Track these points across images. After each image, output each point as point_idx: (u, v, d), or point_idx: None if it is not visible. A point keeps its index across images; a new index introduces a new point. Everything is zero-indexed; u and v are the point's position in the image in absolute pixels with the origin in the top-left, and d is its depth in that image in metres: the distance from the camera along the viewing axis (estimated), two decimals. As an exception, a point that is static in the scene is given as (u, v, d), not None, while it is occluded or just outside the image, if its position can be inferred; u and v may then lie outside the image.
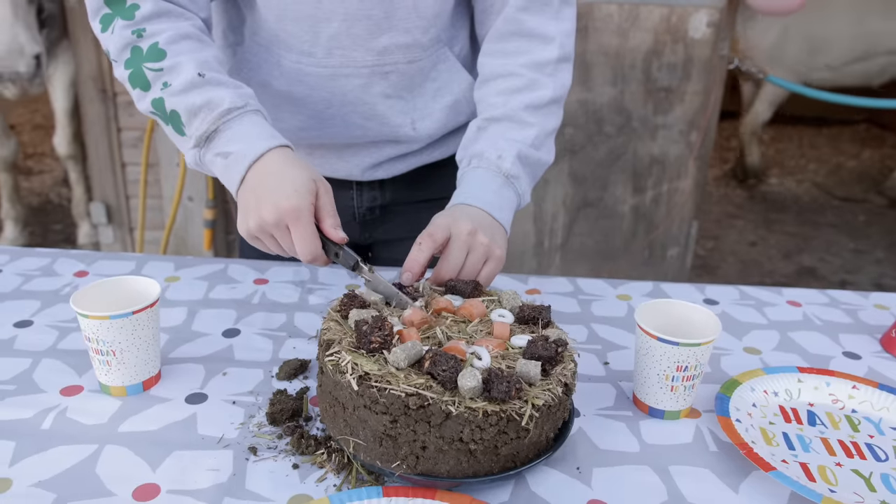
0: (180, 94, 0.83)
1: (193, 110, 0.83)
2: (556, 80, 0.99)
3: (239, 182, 0.82)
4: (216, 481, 0.67)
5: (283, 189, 0.78)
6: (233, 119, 0.83)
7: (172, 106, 0.83)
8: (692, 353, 0.75)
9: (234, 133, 0.83)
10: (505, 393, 0.62)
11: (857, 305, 1.09)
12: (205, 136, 0.83)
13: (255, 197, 0.79)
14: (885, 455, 0.75)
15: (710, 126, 2.65)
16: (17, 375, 0.82)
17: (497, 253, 0.87)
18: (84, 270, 1.10)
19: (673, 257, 2.83)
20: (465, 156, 0.97)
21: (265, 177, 0.80)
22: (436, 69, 1.03)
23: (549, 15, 0.98)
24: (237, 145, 0.82)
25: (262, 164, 0.81)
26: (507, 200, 0.93)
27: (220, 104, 0.83)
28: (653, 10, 2.47)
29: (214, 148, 0.83)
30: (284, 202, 0.77)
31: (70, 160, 3.09)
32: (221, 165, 0.83)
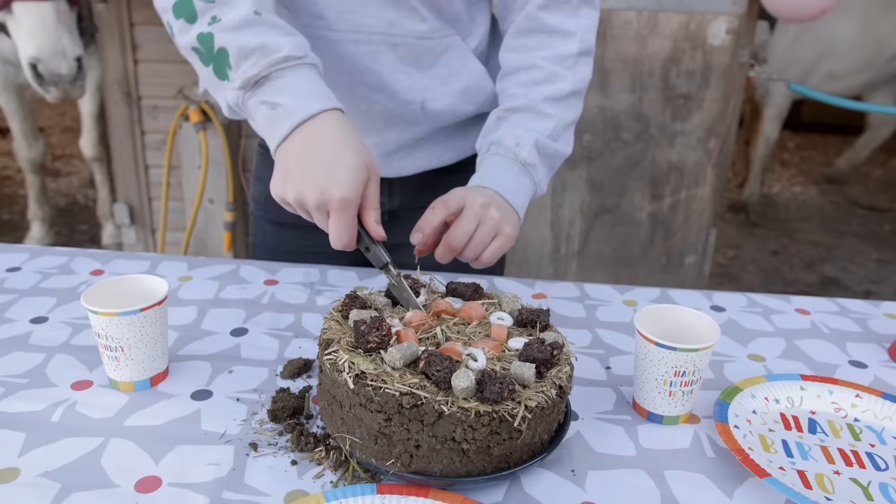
0: (232, 32, 0.78)
1: (245, 52, 0.77)
2: (577, 73, 1.01)
3: (282, 138, 0.77)
4: (216, 475, 0.69)
5: (335, 173, 0.74)
6: (288, 69, 0.78)
7: (222, 43, 0.78)
8: (690, 359, 0.75)
9: (286, 84, 0.78)
10: (497, 394, 0.63)
11: (867, 314, 1.09)
12: (253, 80, 0.78)
13: (301, 167, 0.75)
14: (885, 464, 0.74)
15: (728, 133, 2.63)
16: (31, 370, 0.85)
17: (507, 230, 0.88)
18: (100, 269, 1.13)
19: (690, 265, 2.82)
20: (483, 143, 1.00)
21: (317, 147, 0.76)
22: (446, 54, 1.04)
23: (568, 13, 1.00)
24: (288, 98, 0.77)
25: (312, 126, 0.76)
26: (523, 187, 0.95)
27: (277, 50, 0.78)
28: (671, 16, 2.46)
29: (262, 94, 0.78)
30: (335, 190, 0.74)
31: (96, 162, 3.15)
32: (266, 115, 0.78)
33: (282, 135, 0.77)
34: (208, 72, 0.81)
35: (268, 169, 1.20)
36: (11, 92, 2.89)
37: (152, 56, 2.81)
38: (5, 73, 2.83)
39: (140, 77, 2.84)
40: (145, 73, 2.83)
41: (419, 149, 1.11)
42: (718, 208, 2.80)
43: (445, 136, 1.12)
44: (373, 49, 1.00)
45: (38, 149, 3.07)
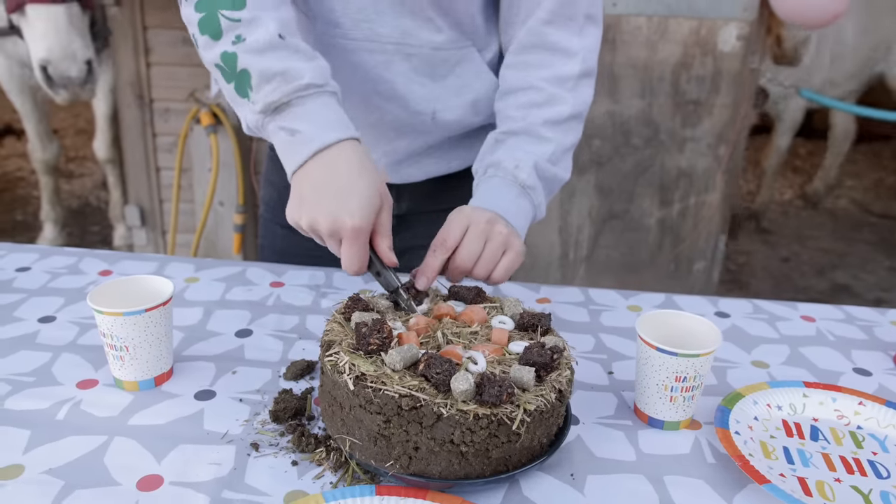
0: (256, 54, 0.79)
1: (267, 76, 0.78)
2: (577, 95, 0.99)
3: (299, 165, 0.79)
4: (217, 475, 0.69)
5: (348, 202, 0.76)
6: (308, 96, 0.79)
7: (245, 65, 0.79)
8: (691, 364, 0.75)
9: (306, 111, 0.79)
10: (496, 397, 0.63)
11: (874, 322, 1.08)
12: (273, 105, 0.79)
13: (315, 195, 0.77)
14: (887, 472, 0.74)
15: (738, 139, 2.62)
16: (37, 368, 0.86)
17: (516, 244, 0.87)
18: (108, 269, 1.14)
19: (699, 271, 2.81)
20: (481, 166, 0.98)
21: (332, 176, 0.77)
22: (460, 66, 1.04)
23: (572, 30, 0.98)
24: (306, 125, 0.79)
25: (328, 155, 0.78)
26: (523, 210, 0.93)
27: (298, 77, 0.79)
28: (682, 22, 2.46)
29: (281, 120, 0.80)
30: (347, 219, 0.75)
31: (109, 164, 3.18)
32: (284, 140, 0.80)
33: (299, 161, 0.79)
34: (230, 88, 0.82)
35: (278, 172, 1.21)
36: (27, 94, 2.93)
37: (165, 59, 2.84)
38: (21, 76, 2.86)
39: (152, 80, 2.87)
40: (158, 76, 2.86)
41: (428, 156, 1.11)
42: (728, 215, 2.79)
43: (453, 145, 1.12)
44: (387, 58, 0.99)
45: (52, 150, 3.10)
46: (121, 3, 2.76)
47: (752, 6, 2.42)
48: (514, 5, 1.00)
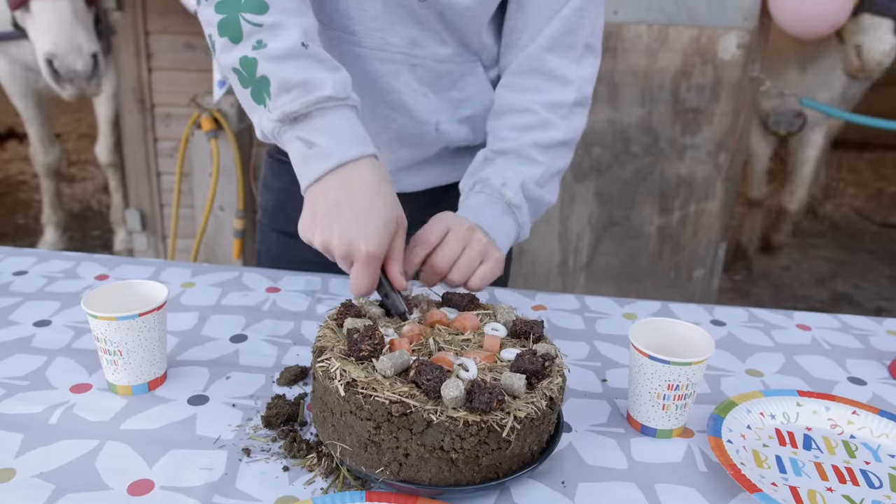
0: (277, 61, 0.77)
1: (287, 85, 0.76)
2: (570, 122, 1.00)
3: (314, 179, 0.77)
4: (208, 480, 0.69)
5: (364, 226, 0.74)
6: (328, 109, 0.78)
7: (265, 72, 0.77)
8: (683, 373, 0.75)
9: (325, 124, 0.77)
10: (486, 404, 0.63)
11: (869, 331, 1.08)
12: (292, 115, 0.77)
13: (331, 215, 0.75)
14: (879, 482, 0.74)
15: (738, 148, 2.63)
16: (32, 372, 0.86)
17: (496, 254, 0.86)
18: (105, 274, 1.14)
19: (699, 279, 2.81)
20: (468, 182, 0.98)
21: (348, 196, 0.75)
22: (463, 80, 1.04)
23: (571, 59, 0.99)
24: (325, 139, 0.77)
25: (345, 173, 0.76)
26: (507, 228, 0.94)
27: (320, 88, 0.77)
28: (682, 31, 2.46)
29: (299, 130, 0.78)
30: (362, 245, 0.74)
31: (110, 168, 3.19)
32: (300, 152, 0.78)
33: (315, 176, 0.77)
34: (246, 93, 0.80)
35: (276, 179, 1.22)
36: (30, 98, 2.94)
37: (166, 64, 2.85)
38: (24, 79, 2.87)
39: (154, 85, 2.88)
40: (159, 80, 2.87)
41: (430, 166, 1.11)
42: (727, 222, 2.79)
43: (455, 156, 1.12)
44: (396, 68, 1.00)
45: (53, 154, 3.11)
46: (123, 7, 2.77)
47: (752, 15, 2.43)
48: (517, 30, 1.01)
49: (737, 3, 2.42)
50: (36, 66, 2.78)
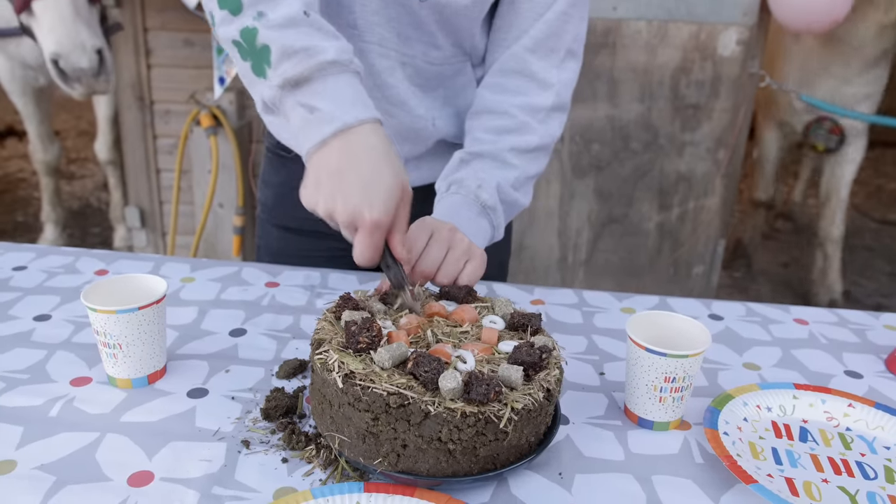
0: (278, 30, 0.75)
1: (289, 52, 0.75)
2: (547, 127, 1.01)
3: (316, 144, 0.76)
4: (207, 471, 0.70)
5: (370, 194, 0.73)
6: (331, 74, 0.76)
7: (266, 40, 0.75)
8: (680, 365, 0.76)
9: (327, 88, 0.76)
10: (484, 395, 0.63)
11: (866, 325, 1.08)
12: (293, 80, 0.75)
13: (335, 181, 0.74)
14: (874, 473, 0.74)
15: (738, 144, 2.63)
16: (32, 366, 0.86)
17: (479, 253, 0.87)
18: (104, 269, 1.14)
19: (698, 275, 2.81)
20: (444, 183, 0.99)
21: (352, 162, 0.74)
22: (452, 80, 1.05)
23: (552, 62, 1.00)
24: (327, 103, 0.75)
25: (349, 137, 0.75)
26: (481, 229, 0.95)
27: (321, 53, 0.75)
28: (681, 27, 2.47)
29: (300, 96, 0.76)
30: (367, 213, 0.73)
31: (110, 165, 3.19)
32: (302, 118, 0.77)
33: (317, 140, 0.76)
34: (246, 66, 0.79)
35: (275, 174, 1.22)
36: (29, 96, 2.94)
37: (165, 61, 2.85)
38: (24, 77, 2.88)
39: (153, 81, 2.88)
40: (158, 77, 2.87)
41: (425, 162, 1.12)
42: (727, 219, 2.79)
43: (450, 150, 1.13)
44: (391, 64, 1.01)
45: (53, 152, 3.11)
46: (121, 4, 2.77)
47: (751, 11, 2.43)
48: (503, 29, 1.02)
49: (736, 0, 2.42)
50: (34, 63, 2.78)
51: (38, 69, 2.86)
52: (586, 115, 2.59)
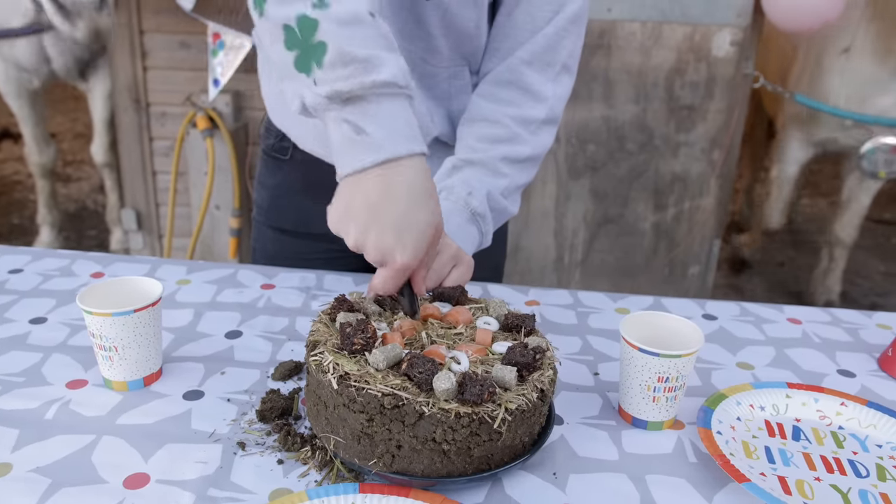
0: (341, 27, 0.69)
1: (347, 58, 0.69)
2: (538, 139, 1.01)
3: (357, 170, 0.72)
4: (203, 473, 0.70)
5: (404, 235, 0.71)
6: (385, 95, 0.71)
7: (325, 37, 0.69)
8: (673, 365, 0.76)
9: (380, 111, 0.71)
10: (477, 395, 0.64)
11: (859, 324, 1.09)
12: (345, 95, 0.70)
13: (370, 215, 0.72)
14: (866, 472, 0.74)
15: (732, 144, 2.64)
16: (27, 368, 0.86)
17: (466, 259, 0.88)
18: (101, 272, 1.14)
19: (694, 275, 2.82)
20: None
21: (391, 199, 0.71)
22: (449, 83, 1.05)
23: (548, 76, 1.00)
24: (377, 129, 0.71)
25: (393, 169, 0.71)
26: (470, 236, 0.95)
27: (381, 69, 0.70)
28: (676, 28, 2.47)
29: (349, 113, 0.71)
30: (398, 255, 0.72)
31: (106, 168, 3.19)
32: (347, 136, 0.72)
33: (359, 167, 0.72)
34: (288, 57, 0.72)
35: (270, 176, 1.22)
36: (25, 98, 2.94)
37: (161, 63, 2.85)
38: (18, 79, 2.88)
39: (149, 84, 2.88)
40: (154, 79, 2.87)
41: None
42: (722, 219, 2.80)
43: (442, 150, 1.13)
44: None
45: (48, 154, 3.11)
46: (118, 6, 2.77)
47: (745, 12, 2.44)
48: (499, 39, 1.02)
49: (730, 1, 2.43)
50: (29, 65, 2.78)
51: (32, 71, 2.86)
52: (582, 116, 2.59)
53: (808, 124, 2.92)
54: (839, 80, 2.74)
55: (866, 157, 2.69)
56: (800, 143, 2.97)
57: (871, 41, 2.64)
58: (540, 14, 0.98)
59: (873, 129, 2.59)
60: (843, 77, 2.72)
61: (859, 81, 2.68)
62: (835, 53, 2.75)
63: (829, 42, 2.73)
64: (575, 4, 0.98)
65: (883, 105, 2.65)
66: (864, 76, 2.66)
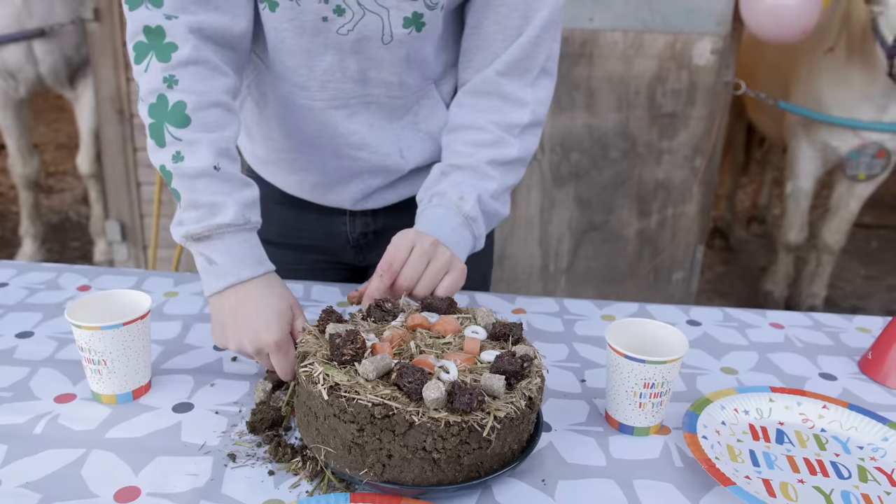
0: (188, 179, 0.83)
1: (195, 204, 0.83)
2: (523, 141, 1.01)
3: (214, 293, 0.85)
4: (194, 485, 0.70)
5: (264, 318, 0.82)
6: (227, 233, 0.84)
7: (177, 186, 0.84)
8: (658, 371, 0.77)
9: (224, 246, 0.84)
10: (467, 404, 0.65)
11: (840, 328, 1.11)
12: (195, 236, 0.84)
13: (234, 321, 0.83)
14: (848, 473, 0.76)
15: (714, 151, 2.67)
16: (15, 383, 0.86)
17: (459, 266, 0.89)
18: (87, 285, 1.14)
19: (678, 281, 2.84)
20: (426, 195, 1.00)
21: (245, 303, 0.83)
22: (418, 104, 1.06)
23: (526, 82, 1.00)
24: (224, 259, 0.84)
25: (243, 287, 0.84)
26: (464, 240, 0.95)
27: (221, 215, 0.83)
28: (657, 37, 2.51)
29: (201, 248, 0.85)
30: (265, 335, 0.82)
31: (92, 179, 3.17)
32: (202, 266, 0.86)
33: (215, 290, 0.85)
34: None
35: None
36: (10, 108, 2.92)
37: (145, 75, 2.84)
38: (4, 89, 2.85)
39: (133, 95, 2.87)
40: (138, 91, 2.86)
41: (401, 182, 1.12)
42: (705, 225, 2.83)
43: (425, 171, 1.13)
44: (351, 111, 1.02)
45: (32, 165, 3.09)
46: (100, 18, 2.76)
47: (725, 21, 2.48)
48: (470, 52, 1.01)
49: (710, 10, 2.47)
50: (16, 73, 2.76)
51: (19, 78, 2.83)
52: (565, 125, 2.62)
53: (813, 132, 2.85)
54: (818, 83, 2.72)
55: (850, 160, 2.74)
56: (809, 154, 2.91)
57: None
58: (509, 22, 0.97)
59: (861, 133, 2.61)
60: (822, 78, 2.71)
61: (841, 85, 2.68)
62: (811, 52, 2.73)
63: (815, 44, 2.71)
64: (545, 11, 0.96)
65: (870, 114, 2.65)
66: (847, 81, 2.66)
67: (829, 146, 2.82)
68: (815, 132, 2.83)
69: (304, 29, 0.92)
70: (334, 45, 0.94)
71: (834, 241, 3.10)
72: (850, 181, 2.88)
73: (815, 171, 2.95)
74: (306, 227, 1.19)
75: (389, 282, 0.86)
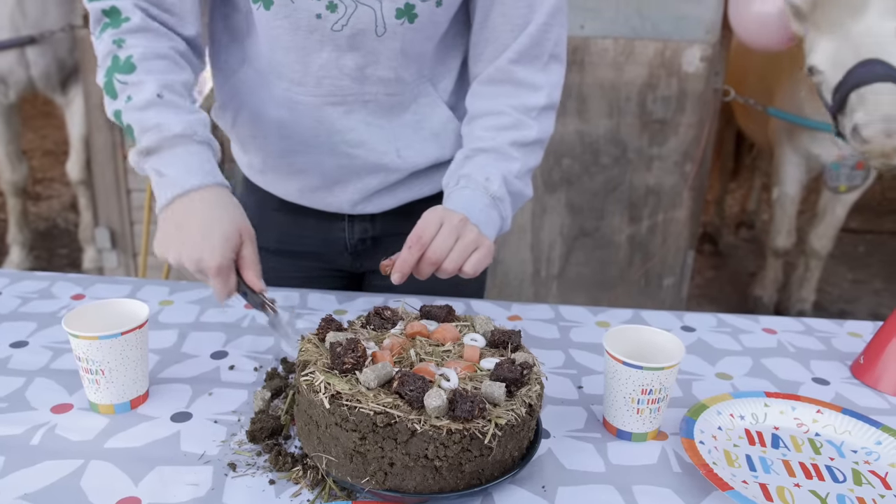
0: (138, 111, 0.89)
1: (145, 128, 0.89)
2: (541, 124, 1.04)
3: (164, 205, 0.88)
4: (195, 495, 0.70)
5: (208, 241, 0.84)
6: (177, 145, 0.89)
7: (129, 120, 0.90)
8: (656, 377, 0.78)
9: (173, 157, 0.88)
10: (468, 412, 0.65)
11: (831, 333, 1.12)
12: (146, 150, 0.89)
13: (179, 235, 0.86)
14: (843, 476, 0.77)
15: (704, 157, 2.69)
16: (10, 394, 0.86)
17: (487, 243, 0.90)
18: (81, 293, 1.14)
19: (669, 286, 2.86)
20: (452, 179, 1.01)
21: (191, 216, 0.86)
22: (416, 102, 1.07)
23: (537, 67, 1.03)
24: (172, 170, 0.88)
25: (189, 199, 0.87)
26: (492, 220, 0.97)
27: (169, 128, 0.88)
28: (647, 44, 2.53)
29: (153, 162, 0.89)
30: (208, 258, 0.84)
31: (81, 185, 3.15)
32: (154, 181, 0.90)
33: (163, 202, 0.88)
34: (129, 138, 0.92)
35: (249, 195, 1.23)
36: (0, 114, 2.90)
37: (135, 82, 2.83)
38: None
39: (123, 102, 2.85)
40: (128, 98, 2.85)
41: (399, 186, 1.13)
42: (695, 230, 2.85)
43: (423, 176, 1.14)
44: (348, 108, 1.03)
45: (21, 172, 3.07)
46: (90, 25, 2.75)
47: (714, 28, 2.50)
48: (480, 45, 1.03)
49: (699, 18, 2.49)
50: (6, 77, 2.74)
51: (10, 83, 2.82)
52: (556, 131, 2.61)
53: (797, 139, 2.86)
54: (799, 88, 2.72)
55: (831, 171, 2.75)
56: (793, 161, 2.93)
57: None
58: (516, 13, 0.99)
59: (840, 143, 2.54)
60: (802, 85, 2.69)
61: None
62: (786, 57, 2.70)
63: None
64: None
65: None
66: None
67: (811, 154, 2.83)
68: (798, 139, 2.86)
69: (299, 26, 0.95)
70: (330, 42, 0.96)
71: (821, 245, 3.12)
72: (828, 190, 2.90)
73: (801, 176, 2.97)
74: (304, 233, 1.19)
75: (418, 254, 0.87)
